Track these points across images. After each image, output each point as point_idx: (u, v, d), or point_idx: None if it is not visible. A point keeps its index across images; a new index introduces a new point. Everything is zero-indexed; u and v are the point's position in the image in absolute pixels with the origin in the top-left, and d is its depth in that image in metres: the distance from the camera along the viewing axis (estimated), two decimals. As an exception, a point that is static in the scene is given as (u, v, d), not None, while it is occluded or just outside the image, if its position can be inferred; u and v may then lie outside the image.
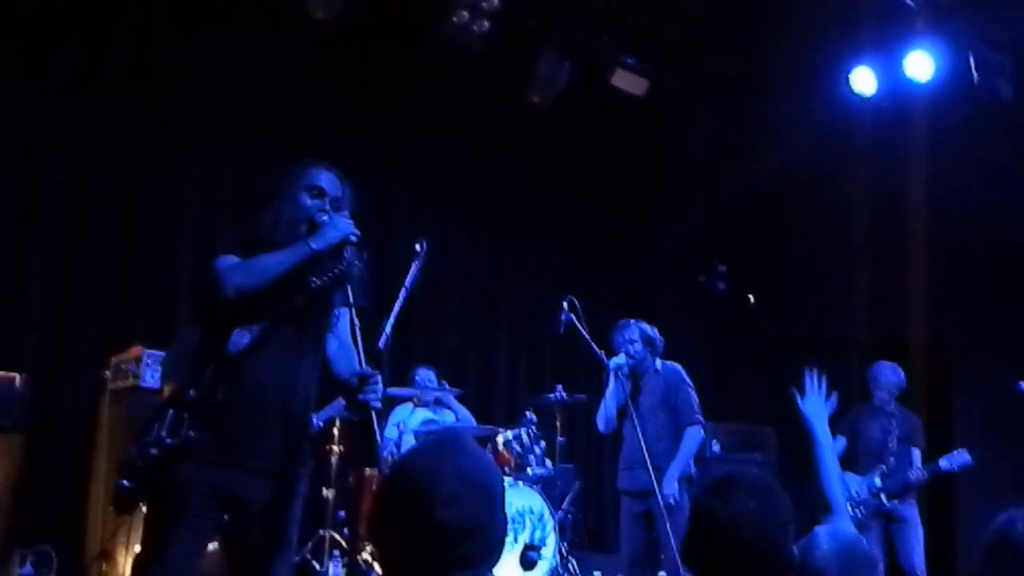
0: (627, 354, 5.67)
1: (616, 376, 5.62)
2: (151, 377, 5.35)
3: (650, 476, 5.23)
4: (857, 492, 6.45)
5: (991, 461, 6.70)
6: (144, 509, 3.19)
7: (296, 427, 3.26)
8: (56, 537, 5.61)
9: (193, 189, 6.85)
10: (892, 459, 6.43)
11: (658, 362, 5.79)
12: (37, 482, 5.60)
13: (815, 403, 3.19)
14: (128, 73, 6.66)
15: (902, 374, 6.61)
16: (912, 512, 6.39)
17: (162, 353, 5.47)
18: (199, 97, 6.96)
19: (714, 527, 2.20)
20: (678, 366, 5.82)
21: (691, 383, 5.75)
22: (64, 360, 6.16)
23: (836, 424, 6.61)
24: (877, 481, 6.42)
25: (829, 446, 3.11)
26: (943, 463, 6.23)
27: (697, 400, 5.70)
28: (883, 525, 6.40)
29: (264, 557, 3.19)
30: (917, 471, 6.30)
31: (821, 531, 2.55)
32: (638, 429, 5.35)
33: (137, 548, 5.15)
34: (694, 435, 5.63)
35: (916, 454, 6.43)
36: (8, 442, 5.24)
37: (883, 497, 6.36)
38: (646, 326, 5.80)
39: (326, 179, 3.39)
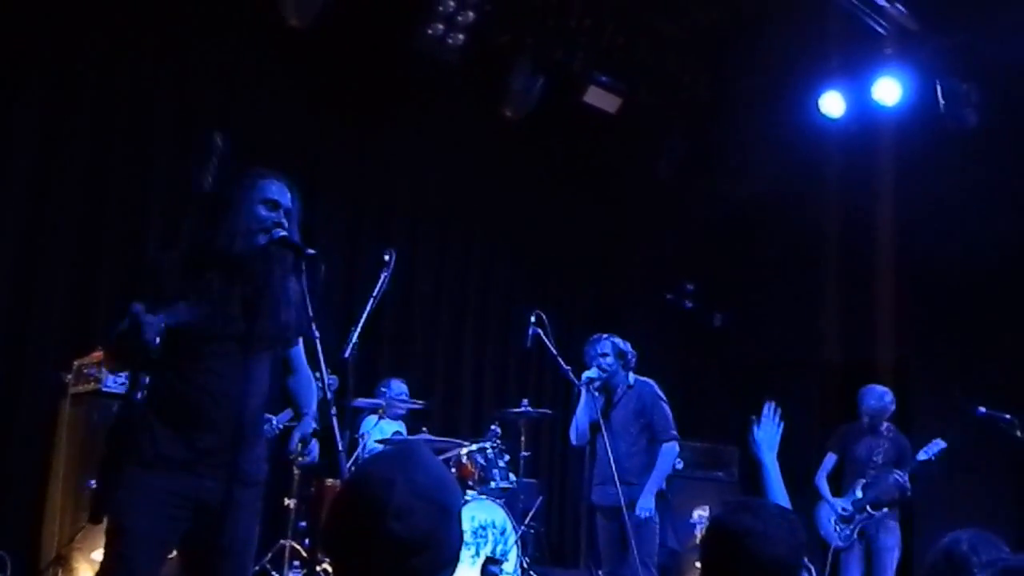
0: (599, 368, 5.67)
1: (588, 390, 5.63)
2: (113, 382, 5.30)
3: (618, 490, 5.24)
4: (843, 509, 6.50)
5: (949, 482, 6.80)
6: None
7: (251, 431, 3.29)
8: (11, 542, 5.52)
9: (163, 193, 6.79)
10: (873, 472, 6.48)
11: (631, 377, 5.80)
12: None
13: (768, 432, 3.28)
14: (100, 76, 6.59)
15: (887, 399, 6.61)
16: (891, 538, 6.43)
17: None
18: (172, 101, 6.90)
19: (741, 545, 2.24)
20: (652, 382, 5.81)
21: (665, 398, 5.76)
22: (25, 362, 6.07)
23: (828, 441, 6.75)
24: (859, 493, 6.47)
25: (776, 474, 3.19)
26: (920, 454, 6.30)
27: (672, 416, 5.70)
28: (864, 547, 6.45)
29: (222, 563, 3.19)
30: (899, 476, 6.31)
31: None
32: (608, 444, 5.36)
33: (94, 555, 5.10)
34: (670, 451, 5.63)
35: (899, 472, 6.40)
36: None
37: (868, 508, 6.41)
38: (618, 340, 5.80)
39: (279, 190, 3.39)
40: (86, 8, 6.39)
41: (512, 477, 6.44)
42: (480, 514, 6.07)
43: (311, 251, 3.35)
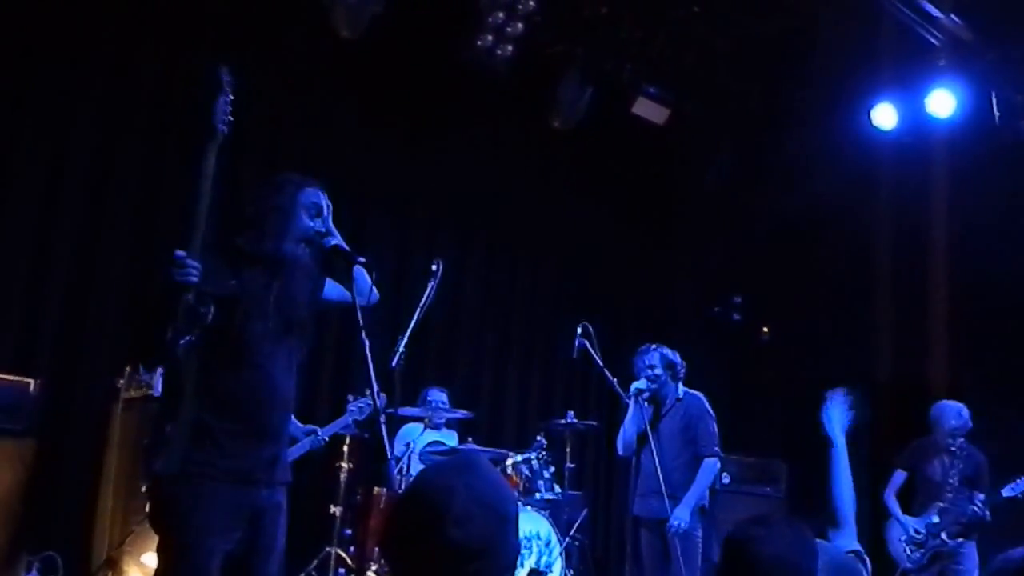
0: (648, 379, 5.65)
1: (636, 401, 5.61)
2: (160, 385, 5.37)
3: (664, 503, 5.21)
4: (916, 532, 6.34)
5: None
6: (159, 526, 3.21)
7: (282, 437, 3.36)
8: (63, 544, 5.61)
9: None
10: (951, 495, 6.29)
11: (681, 389, 5.76)
12: (46, 488, 5.60)
13: (837, 412, 3.19)
14: (153, 86, 6.71)
15: (965, 415, 6.39)
16: (970, 563, 6.21)
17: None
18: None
19: (744, 549, 2.26)
20: (701, 396, 5.76)
21: (713, 414, 5.69)
22: (79, 367, 6.17)
23: (898, 458, 6.60)
24: (935, 519, 6.27)
25: (844, 461, 3.10)
26: (1005, 491, 6.09)
27: (716, 432, 5.65)
28: (938, 571, 6.27)
29: (262, 563, 3.24)
30: (979, 505, 6.12)
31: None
32: (655, 456, 5.34)
33: (144, 558, 5.16)
34: (710, 467, 5.58)
35: (979, 498, 6.21)
36: (19, 447, 5.25)
37: (943, 536, 6.24)
38: (668, 351, 5.76)
39: (321, 197, 3.45)
40: (143, 18, 6.49)
41: (557, 489, 6.43)
42: (525, 525, 6.05)
43: (362, 259, 3.40)
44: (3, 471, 5.14)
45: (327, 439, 5.89)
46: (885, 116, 7.60)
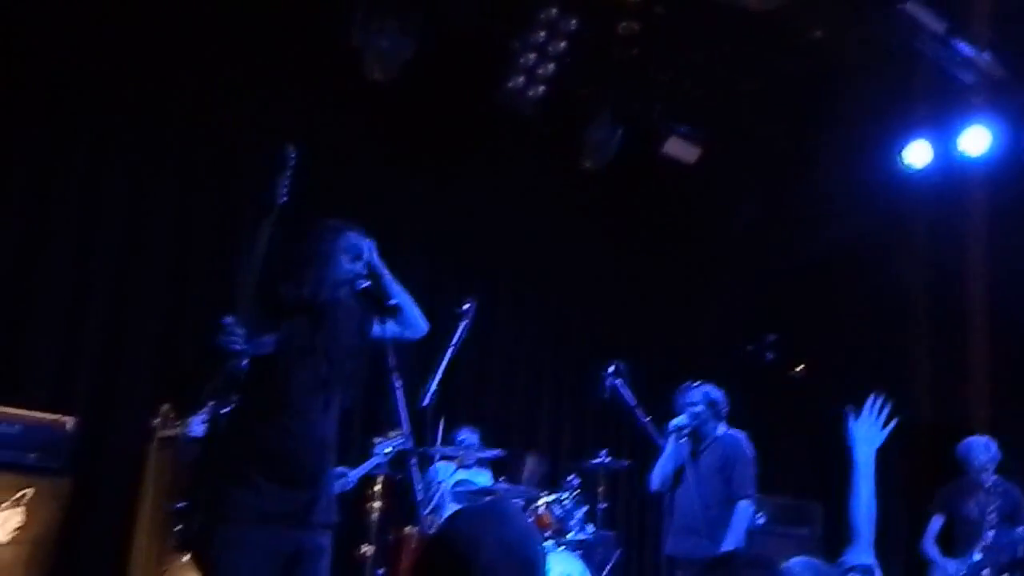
0: (689, 415, 5.61)
1: (676, 437, 5.56)
2: (198, 426, 5.41)
3: (698, 542, 5.17)
4: (957, 572, 6.23)
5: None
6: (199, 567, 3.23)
7: (322, 480, 3.38)
8: (100, 580, 5.65)
9: (245, 239, 6.92)
10: (991, 533, 6.18)
11: (721, 428, 5.70)
12: (82, 526, 5.65)
13: (867, 428, 3.10)
14: (186, 124, 6.84)
15: (993, 449, 6.35)
16: None
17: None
18: (254, 152, 7.07)
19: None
20: (742, 436, 5.69)
21: (751, 456, 5.62)
22: (115, 406, 6.24)
23: (933, 504, 6.51)
24: (977, 556, 6.17)
25: (868, 476, 3.03)
26: None
27: (753, 475, 5.58)
28: None
29: None
30: (1021, 540, 6.02)
31: (794, 565, 2.53)
32: (692, 493, 5.30)
33: (177, 597, 5.18)
34: (744, 510, 5.49)
35: (1020, 532, 6.12)
36: (56, 485, 5.30)
37: (986, 574, 6.13)
38: (711, 389, 5.73)
39: (360, 242, 3.50)
40: (173, 56, 6.61)
41: (590, 528, 6.38)
42: (558, 566, 6.01)
43: (393, 301, 3.44)
44: (40, 509, 5.18)
45: (355, 482, 5.92)
46: (917, 154, 7.56)
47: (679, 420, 5.60)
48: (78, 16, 6.17)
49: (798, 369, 9.38)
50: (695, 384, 5.73)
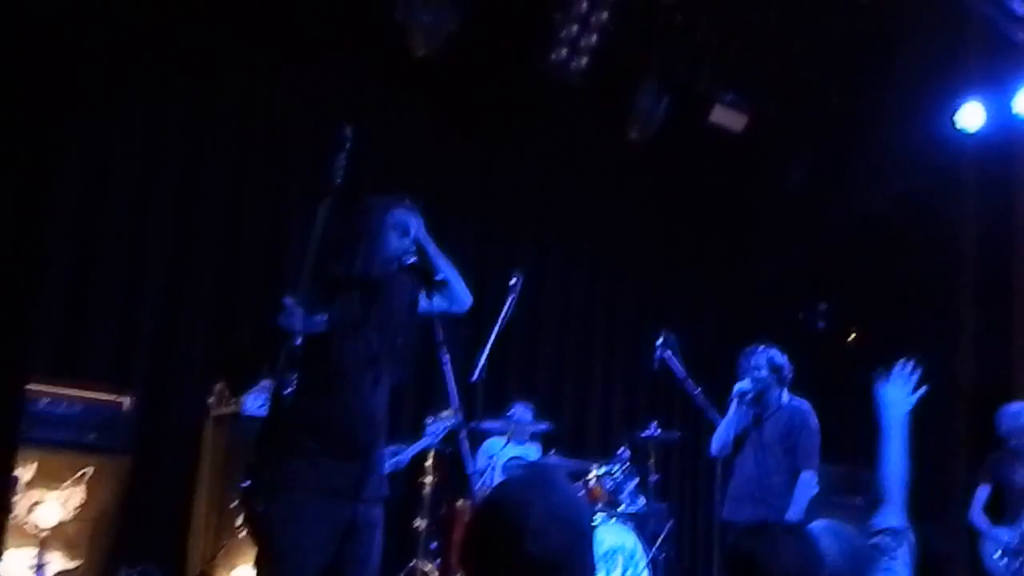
0: (752, 380, 5.56)
1: (738, 402, 5.52)
2: (251, 404, 5.48)
3: (758, 510, 5.15)
4: (1008, 542, 6.17)
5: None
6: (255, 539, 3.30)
7: (374, 454, 3.44)
8: (159, 558, 5.76)
9: (298, 217, 6.99)
10: None
11: (786, 395, 5.61)
12: (142, 503, 5.76)
13: (896, 391, 3.05)
14: (237, 104, 6.90)
15: None
16: None
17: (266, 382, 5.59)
18: (305, 123, 7.12)
19: (750, 568, 2.23)
20: (807, 405, 5.60)
21: (817, 426, 5.52)
22: (170, 385, 6.34)
23: (979, 473, 6.45)
24: None
25: (899, 439, 2.97)
26: None
27: (818, 446, 5.50)
28: None
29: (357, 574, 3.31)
30: None
31: (816, 528, 2.52)
32: (753, 460, 5.27)
33: (236, 572, 5.28)
34: (808, 480, 5.42)
35: None
36: (116, 463, 5.41)
37: None
38: (776, 354, 5.63)
39: (408, 218, 3.53)
40: (224, 38, 6.65)
41: (642, 500, 6.38)
42: (610, 538, 6.03)
43: (440, 276, 3.46)
44: (100, 487, 5.30)
45: (408, 459, 5.98)
46: (971, 116, 7.40)
47: (742, 384, 5.51)
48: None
49: (850, 337, 9.24)
50: (760, 348, 5.64)
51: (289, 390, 3.18)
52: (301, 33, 6.86)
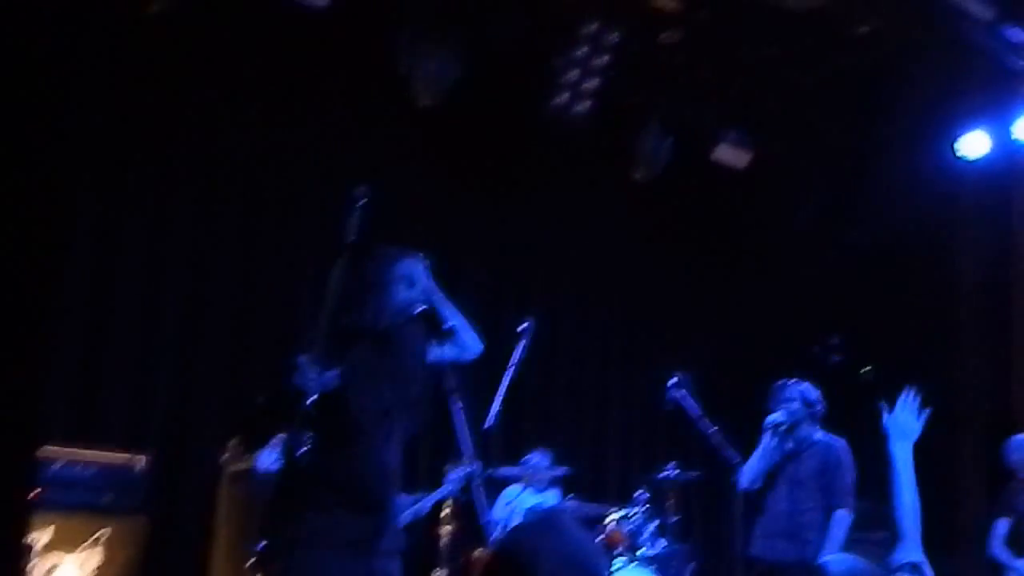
0: (785, 412, 5.49)
1: (771, 434, 5.47)
2: (266, 460, 5.46)
3: (790, 546, 5.09)
4: None
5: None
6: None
7: (390, 507, 3.46)
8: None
9: (311, 270, 7.00)
10: None
11: (819, 432, 5.59)
12: (160, 562, 5.73)
13: (902, 420, 3.02)
14: (247, 157, 6.96)
15: None
16: None
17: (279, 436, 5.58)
18: (314, 179, 7.17)
19: None
20: (842, 442, 5.54)
21: (852, 464, 5.47)
22: (185, 444, 6.34)
23: (995, 507, 6.39)
24: None
25: (907, 470, 2.94)
26: None
27: (853, 484, 5.44)
28: None
29: None
30: None
31: (833, 564, 2.48)
32: (786, 496, 5.21)
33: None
34: (843, 519, 5.36)
35: None
36: (132, 524, 5.39)
37: None
38: (808, 389, 5.58)
39: (417, 268, 3.54)
40: (228, 97, 6.72)
41: (662, 542, 6.31)
42: (632, 581, 5.96)
43: (449, 324, 3.47)
44: (118, 548, 5.29)
45: (429, 507, 5.94)
46: (974, 145, 7.41)
47: (775, 416, 5.45)
48: (144, 61, 6.29)
49: (865, 369, 9.17)
50: (793, 381, 5.60)
51: (303, 449, 3.17)
52: (305, 88, 6.93)
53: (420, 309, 3.55)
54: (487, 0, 6.80)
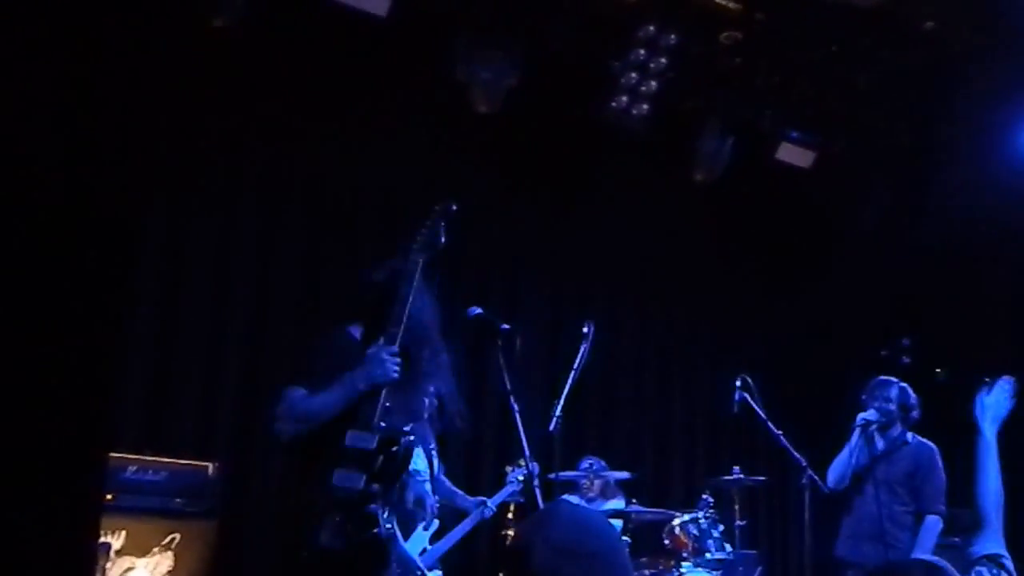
0: (879, 411, 5.41)
1: (862, 432, 5.37)
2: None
3: (879, 550, 5.01)
4: None
5: None
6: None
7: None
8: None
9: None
10: None
11: (910, 434, 5.50)
12: (231, 566, 5.83)
13: (997, 402, 2.98)
14: (311, 169, 7.05)
15: None
16: None
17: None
18: (376, 190, 7.25)
19: None
20: (933, 446, 5.48)
21: (942, 468, 5.41)
22: (252, 449, 6.44)
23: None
24: None
25: (993, 454, 2.89)
26: None
27: (944, 489, 5.36)
28: None
29: None
30: None
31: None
32: (875, 497, 5.13)
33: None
34: (934, 524, 5.30)
35: None
36: (203, 528, 5.49)
37: None
38: (908, 390, 5.53)
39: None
40: (293, 103, 6.81)
41: (728, 548, 6.26)
42: (696, 586, 5.92)
43: (506, 326, 3.48)
44: (189, 552, 5.38)
45: (495, 509, 5.95)
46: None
47: (868, 414, 5.38)
48: (209, 75, 6.42)
49: (939, 371, 8.97)
50: (892, 380, 5.52)
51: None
52: (366, 98, 7.00)
53: (476, 312, 3.58)
54: (543, 5, 6.80)
